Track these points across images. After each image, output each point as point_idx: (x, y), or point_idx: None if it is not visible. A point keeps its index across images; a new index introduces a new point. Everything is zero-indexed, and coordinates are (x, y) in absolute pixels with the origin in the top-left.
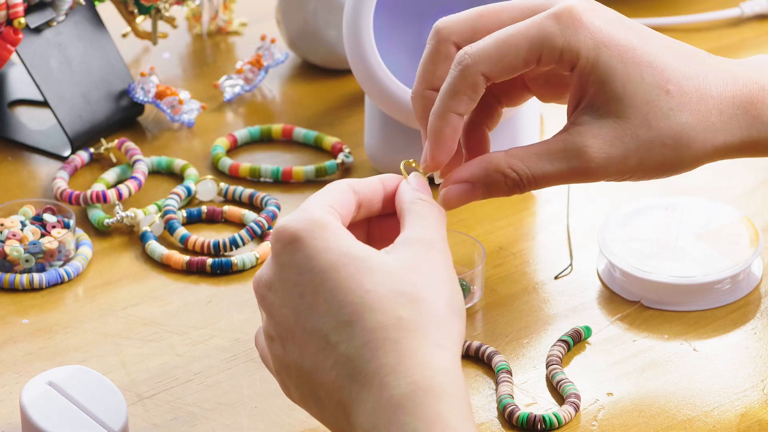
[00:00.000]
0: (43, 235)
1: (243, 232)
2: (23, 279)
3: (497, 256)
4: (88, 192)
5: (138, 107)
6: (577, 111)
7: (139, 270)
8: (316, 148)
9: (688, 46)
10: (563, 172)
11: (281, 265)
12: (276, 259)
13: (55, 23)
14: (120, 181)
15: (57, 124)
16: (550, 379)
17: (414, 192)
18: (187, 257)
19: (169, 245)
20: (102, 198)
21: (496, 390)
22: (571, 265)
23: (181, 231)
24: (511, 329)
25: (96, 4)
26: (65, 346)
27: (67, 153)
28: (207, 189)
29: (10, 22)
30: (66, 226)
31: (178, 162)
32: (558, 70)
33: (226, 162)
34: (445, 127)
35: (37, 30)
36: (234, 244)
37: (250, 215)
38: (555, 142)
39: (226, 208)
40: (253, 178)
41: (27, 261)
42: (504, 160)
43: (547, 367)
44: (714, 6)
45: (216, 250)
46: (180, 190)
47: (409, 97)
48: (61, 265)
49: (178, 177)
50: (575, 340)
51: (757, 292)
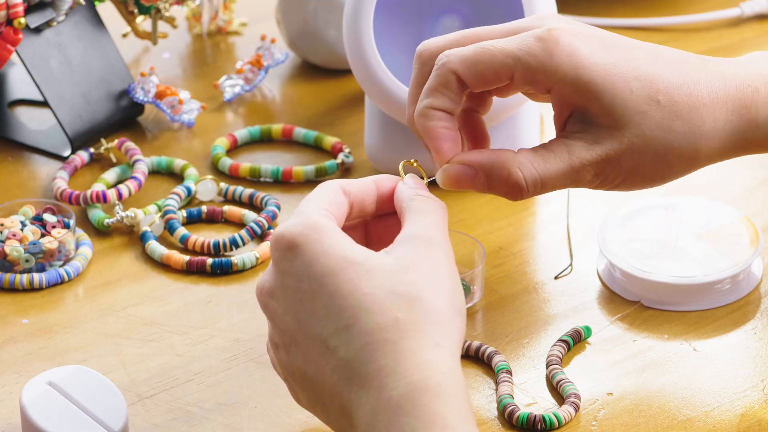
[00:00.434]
0: (43, 235)
1: (243, 232)
2: (23, 279)
3: (497, 256)
4: (88, 192)
5: (138, 107)
6: (569, 121)
7: (139, 270)
8: (316, 148)
9: (677, 51)
10: (567, 172)
11: (281, 272)
12: (276, 266)
13: (55, 23)
14: (120, 181)
15: (57, 124)
16: (550, 379)
17: (412, 189)
18: (187, 257)
19: (169, 245)
20: (102, 198)
21: (496, 390)
22: (571, 265)
23: (181, 231)
24: (511, 329)
25: (96, 4)
26: (65, 346)
27: (67, 153)
28: (207, 189)
29: (10, 22)
30: (66, 226)
31: (178, 162)
32: (533, 90)
33: (226, 162)
34: (429, 123)
35: (37, 30)
36: (234, 244)
37: (250, 215)
38: (558, 144)
39: (226, 208)
40: (253, 178)
41: (27, 261)
42: (514, 158)
43: (547, 367)
44: (714, 6)
45: (216, 250)
46: (180, 190)
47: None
48: (61, 265)
49: (178, 177)
50: (575, 340)
51: (757, 292)
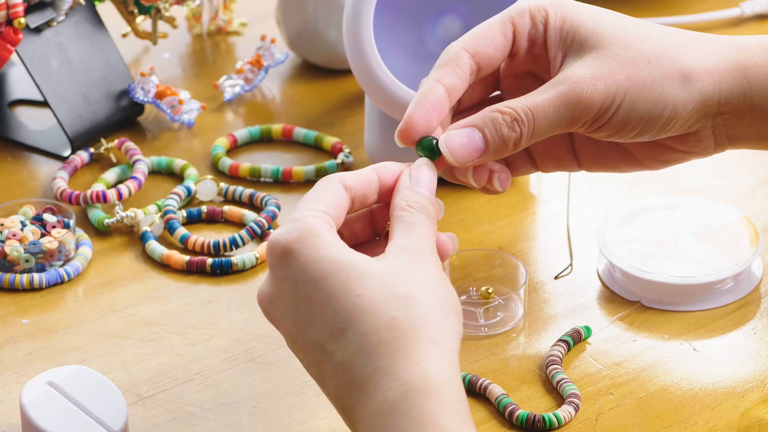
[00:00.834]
0: (43, 235)
1: (243, 232)
2: (23, 279)
3: (497, 256)
4: (88, 192)
5: (138, 107)
6: (561, 65)
7: (139, 270)
8: (316, 148)
9: None
10: (555, 98)
11: (277, 279)
12: (272, 272)
13: (55, 23)
14: (120, 181)
15: (57, 124)
16: (550, 379)
17: (406, 193)
18: (187, 257)
19: (169, 245)
20: (102, 198)
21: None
22: (571, 265)
23: (181, 231)
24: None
25: (96, 4)
26: (65, 346)
27: (67, 153)
28: (207, 189)
29: (10, 22)
30: (66, 226)
31: (178, 162)
32: (535, 38)
33: (226, 162)
34: (429, 93)
35: (37, 30)
36: (234, 244)
37: (250, 215)
38: (544, 84)
39: (226, 208)
40: (253, 178)
41: (27, 261)
42: (498, 103)
43: (546, 367)
44: (714, 6)
45: (216, 250)
46: (180, 190)
47: (408, 97)
48: (61, 265)
49: (178, 177)
50: (575, 340)
51: (757, 292)
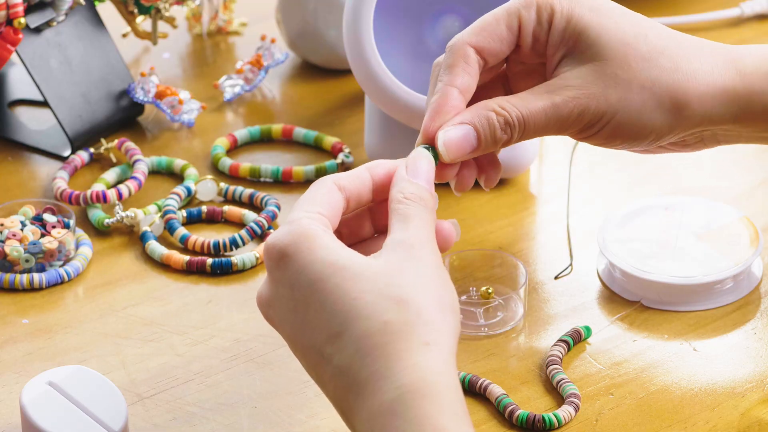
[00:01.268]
0: (43, 235)
1: (243, 232)
2: (23, 279)
3: (497, 256)
4: (88, 192)
5: (138, 107)
6: (558, 65)
7: (139, 270)
8: (316, 148)
9: None
10: (547, 108)
11: (274, 282)
12: (270, 275)
13: (55, 23)
14: (120, 181)
15: (57, 124)
16: (550, 379)
17: (402, 185)
18: (187, 257)
19: (169, 245)
20: (102, 198)
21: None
22: (571, 265)
23: (181, 231)
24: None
25: (96, 4)
26: (65, 346)
27: (67, 153)
28: (207, 189)
29: (10, 22)
30: (66, 226)
31: (178, 162)
32: (538, 35)
33: (226, 162)
34: (445, 101)
35: (37, 30)
36: (234, 244)
37: (250, 215)
38: (539, 86)
39: (226, 208)
40: (253, 178)
41: (27, 261)
42: (493, 101)
43: (546, 368)
44: (714, 6)
45: (216, 250)
46: (180, 190)
47: (408, 97)
48: (61, 265)
49: (178, 177)
50: (575, 340)
51: (757, 292)
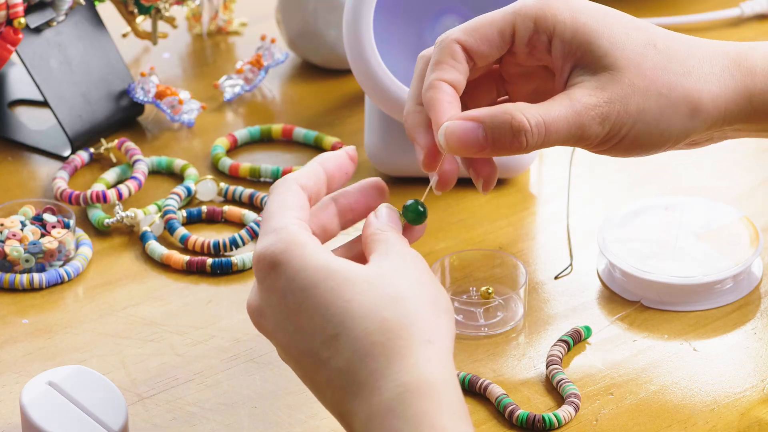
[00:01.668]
0: (43, 235)
1: (243, 232)
2: (23, 279)
3: (497, 256)
4: (88, 192)
5: (138, 107)
6: (570, 76)
7: (139, 270)
8: (316, 148)
9: None
10: (570, 116)
11: (266, 290)
12: (260, 284)
13: (55, 23)
14: (120, 181)
15: (57, 124)
16: (550, 379)
17: (377, 223)
18: (187, 257)
19: (169, 245)
20: (102, 198)
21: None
22: (571, 265)
23: (181, 231)
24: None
25: (96, 4)
26: (65, 346)
27: (67, 153)
28: (207, 189)
29: (10, 22)
30: (66, 226)
31: (178, 162)
32: (536, 44)
33: (226, 162)
34: (437, 94)
35: (37, 30)
36: (234, 244)
37: (250, 215)
38: (560, 96)
39: (226, 208)
40: (253, 178)
41: (27, 261)
42: (515, 106)
43: (547, 367)
44: (714, 6)
45: (216, 250)
46: (180, 190)
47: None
48: (61, 265)
49: (178, 177)
50: (575, 340)
51: (757, 292)
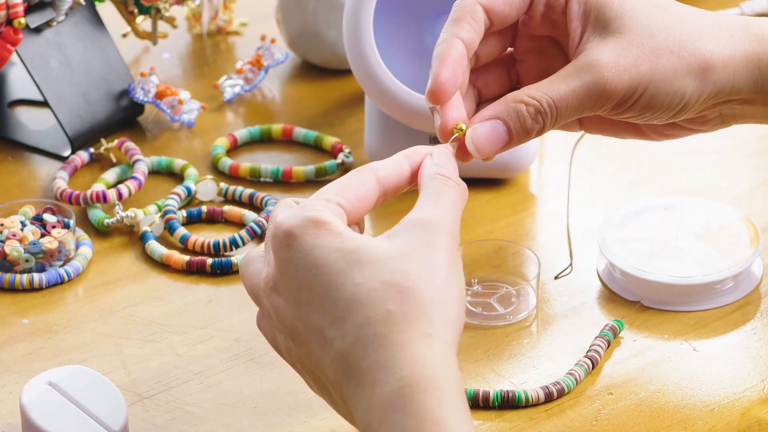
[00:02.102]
0: (43, 235)
1: (243, 232)
2: (23, 279)
3: (497, 256)
4: (88, 192)
5: (138, 107)
6: (582, 39)
7: (139, 270)
8: (316, 148)
9: None
10: (578, 89)
11: (280, 261)
12: (275, 254)
13: (55, 23)
14: (120, 181)
15: (57, 124)
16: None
17: (434, 167)
18: (187, 257)
19: (169, 245)
20: (102, 198)
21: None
22: (571, 265)
23: (181, 231)
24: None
25: (96, 4)
26: (65, 346)
27: (67, 153)
28: (207, 189)
29: (10, 22)
30: (66, 226)
31: (178, 162)
32: (553, 5)
33: (226, 162)
34: (449, 49)
35: (37, 30)
36: (234, 244)
37: (250, 215)
38: (566, 67)
39: (226, 208)
40: (253, 178)
41: (27, 261)
42: (521, 92)
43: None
44: (714, 6)
45: (216, 250)
46: (180, 190)
47: (408, 97)
48: (61, 265)
49: (178, 177)
50: (614, 335)
51: (757, 292)
